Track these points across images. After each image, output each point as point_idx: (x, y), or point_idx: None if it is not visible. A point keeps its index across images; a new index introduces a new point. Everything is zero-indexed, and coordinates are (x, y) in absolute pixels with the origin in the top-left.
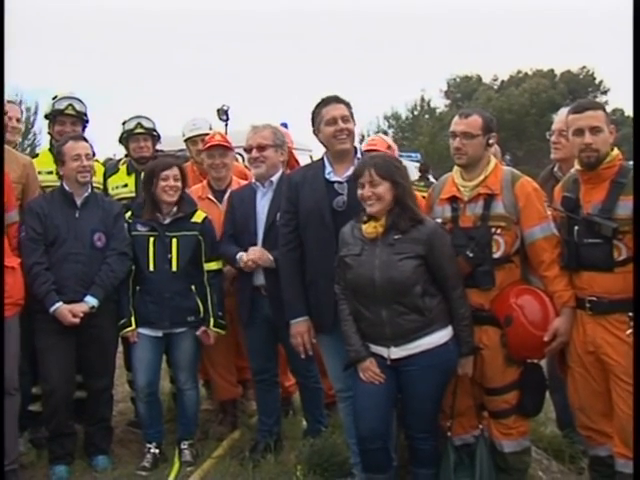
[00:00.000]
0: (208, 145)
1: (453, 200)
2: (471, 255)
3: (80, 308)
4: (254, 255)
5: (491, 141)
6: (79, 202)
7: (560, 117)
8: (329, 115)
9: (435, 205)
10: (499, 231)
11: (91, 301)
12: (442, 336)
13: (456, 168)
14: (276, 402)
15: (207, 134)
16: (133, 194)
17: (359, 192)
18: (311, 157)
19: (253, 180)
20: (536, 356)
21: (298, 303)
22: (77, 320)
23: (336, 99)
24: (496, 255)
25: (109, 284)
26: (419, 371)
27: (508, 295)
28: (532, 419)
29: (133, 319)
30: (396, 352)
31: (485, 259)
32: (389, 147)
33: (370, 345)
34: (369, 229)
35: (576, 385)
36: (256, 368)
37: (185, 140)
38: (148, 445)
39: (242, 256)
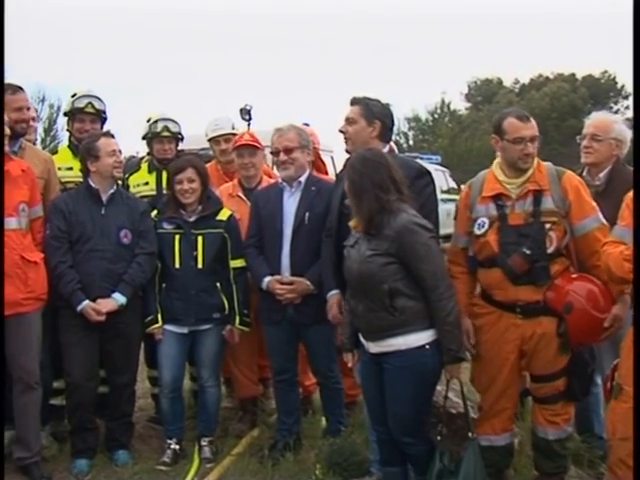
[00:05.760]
0: (237, 145)
1: (498, 198)
2: (529, 252)
3: (106, 305)
4: (291, 295)
5: None
6: (105, 199)
7: (592, 122)
8: None
9: (477, 204)
10: (550, 226)
11: (120, 299)
12: (419, 339)
13: (497, 165)
14: (296, 402)
15: (230, 134)
16: (154, 192)
17: None
18: (332, 158)
19: (280, 180)
20: (595, 340)
21: (331, 279)
22: (102, 318)
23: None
24: (549, 250)
25: (138, 283)
26: (393, 370)
27: (563, 284)
28: None
29: (160, 316)
30: (372, 347)
31: (541, 255)
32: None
33: (359, 335)
34: (353, 222)
35: (627, 410)
36: (277, 368)
37: (208, 140)
38: (169, 441)
39: (270, 282)
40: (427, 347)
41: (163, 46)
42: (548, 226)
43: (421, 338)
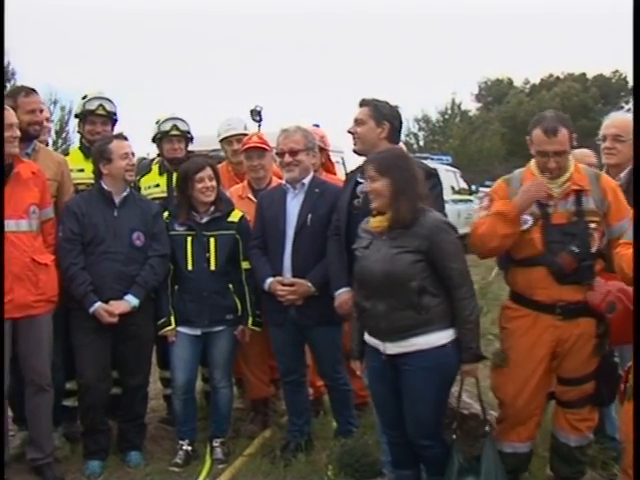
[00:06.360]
0: (246, 147)
1: None
2: (577, 250)
3: (119, 307)
4: (292, 296)
5: (574, 143)
6: (118, 201)
7: (612, 122)
8: None
9: None
10: (594, 226)
11: (132, 301)
12: (440, 338)
13: (534, 165)
14: (305, 403)
15: (243, 134)
16: (165, 194)
17: (364, 186)
18: (342, 159)
19: (284, 182)
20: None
21: (341, 276)
22: (115, 320)
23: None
24: (592, 250)
25: (151, 285)
26: (414, 371)
27: (604, 284)
28: None
29: (173, 318)
30: (390, 348)
31: (587, 254)
32: None
33: (370, 338)
34: (375, 223)
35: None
36: (283, 369)
37: (220, 140)
38: (181, 442)
39: (272, 284)
40: (448, 346)
41: (174, 48)
42: (592, 226)
43: (442, 337)
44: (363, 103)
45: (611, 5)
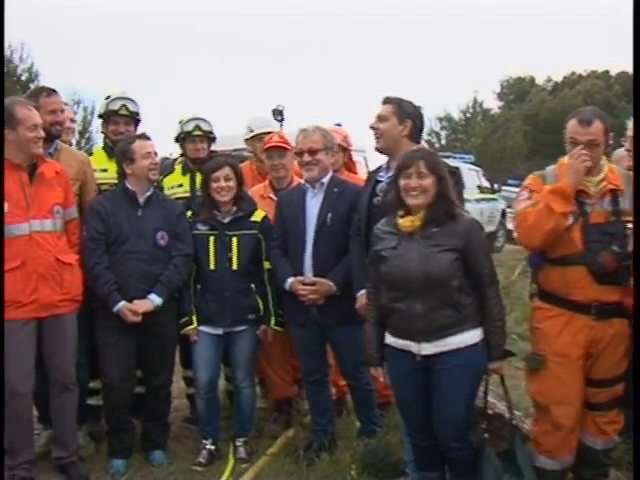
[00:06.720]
0: (267, 146)
1: (577, 195)
2: (619, 250)
3: (142, 306)
4: (314, 296)
5: (611, 142)
6: (142, 201)
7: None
8: None
9: None
10: (630, 226)
11: (156, 300)
12: (473, 336)
13: (567, 159)
14: (328, 402)
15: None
16: (188, 194)
17: (404, 182)
18: (365, 158)
19: (303, 182)
20: None
21: (363, 277)
22: (139, 319)
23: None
24: (629, 250)
25: (174, 285)
26: (447, 370)
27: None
28: None
29: (195, 317)
30: (427, 348)
31: (626, 254)
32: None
33: (399, 340)
34: (406, 223)
35: None
36: (306, 369)
37: (251, 137)
38: (204, 441)
39: (293, 283)
40: (479, 344)
41: (196, 49)
42: (629, 226)
43: (474, 336)
44: (387, 101)
45: (614, 5)
